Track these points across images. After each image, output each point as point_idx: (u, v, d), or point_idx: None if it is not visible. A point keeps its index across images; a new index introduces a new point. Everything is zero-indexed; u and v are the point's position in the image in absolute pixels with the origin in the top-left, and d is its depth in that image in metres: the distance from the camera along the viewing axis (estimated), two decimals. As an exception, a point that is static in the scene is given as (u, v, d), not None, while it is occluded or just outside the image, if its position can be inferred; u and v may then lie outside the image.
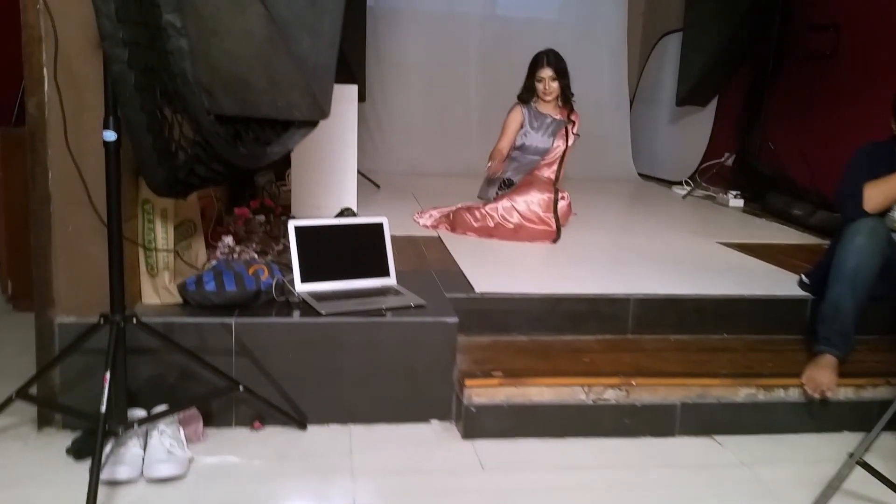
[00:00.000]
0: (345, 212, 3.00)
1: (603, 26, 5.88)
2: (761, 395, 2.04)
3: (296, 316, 1.98)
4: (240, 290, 1.97)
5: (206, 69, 1.80)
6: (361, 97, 4.74)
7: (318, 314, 1.95)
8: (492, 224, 3.32)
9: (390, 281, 2.25)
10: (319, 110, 1.90)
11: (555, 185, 3.43)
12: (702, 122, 5.26)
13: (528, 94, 3.70)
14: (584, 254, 2.92)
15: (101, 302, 1.69)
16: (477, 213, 3.35)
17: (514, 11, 5.80)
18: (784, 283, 2.57)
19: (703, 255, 3.02)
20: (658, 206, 4.41)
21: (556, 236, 3.16)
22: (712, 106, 5.11)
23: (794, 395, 2.06)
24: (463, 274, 2.49)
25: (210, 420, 1.91)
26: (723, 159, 5.10)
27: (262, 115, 1.87)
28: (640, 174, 5.73)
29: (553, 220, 3.32)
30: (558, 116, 3.68)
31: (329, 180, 3.47)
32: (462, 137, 5.57)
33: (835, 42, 4.04)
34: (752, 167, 4.52)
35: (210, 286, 1.97)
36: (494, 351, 2.16)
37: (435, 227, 3.36)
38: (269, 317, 1.96)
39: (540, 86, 3.57)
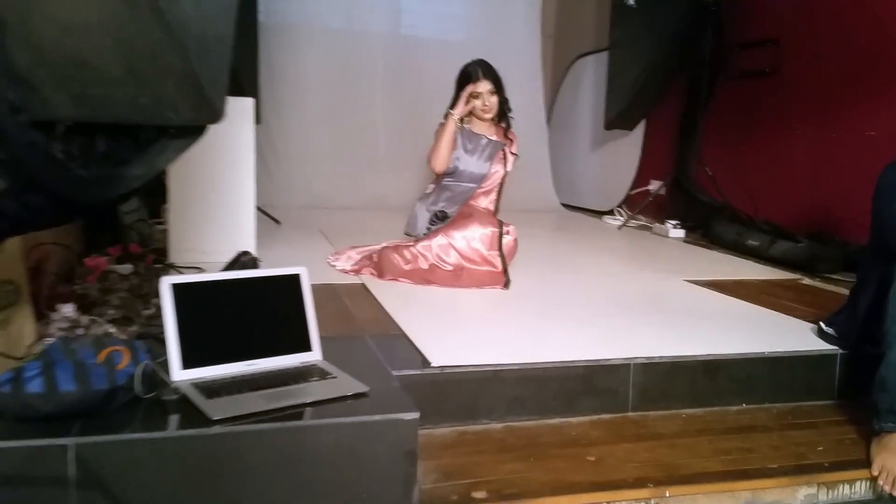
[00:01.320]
0: (242, 258, 2.31)
1: (515, 48, 5.45)
2: (823, 496, 1.53)
3: (172, 426, 1.29)
4: (82, 391, 1.27)
5: (22, 46, 1.13)
6: (255, 120, 4.06)
7: (208, 421, 1.28)
8: (425, 265, 2.72)
9: (314, 356, 1.61)
10: (208, 109, 1.25)
11: (497, 218, 2.88)
12: (628, 148, 4.89)
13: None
14: (548, 302, 2.37)
15: None
16: (407, 253, 2.74)
17: (419, 31, 5.29)
18: (795, 333, 2.10)
19: (680, 297, 2.54)
20: (596, 238, 3.95)
21: (504, 280, 2.60)
22: (639, 130, 4.75)
23: (861, 490, 1.56)
24: (407, 338, 1.88)
25: None
26: (651, 187, 4.76)
27: (114, 120, 1.21)
28: (563, 204, 5.30)
29: (498, 259, 2.76)
30: (494, 136, 3.15)
31: (219, 216, 2.78)
32: (369, 166, 4.97)
33: (775, 58, 3.75)
34: (690, 195, 4.16)
35: (35, 385, 1.26)
36: (466, 452, 1.54)
37: (357, 271, 2.71)
38: (129, 430, 1.26)
39: (477, 102, 3.03)
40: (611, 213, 4.74)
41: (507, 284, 2.56)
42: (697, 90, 4.11)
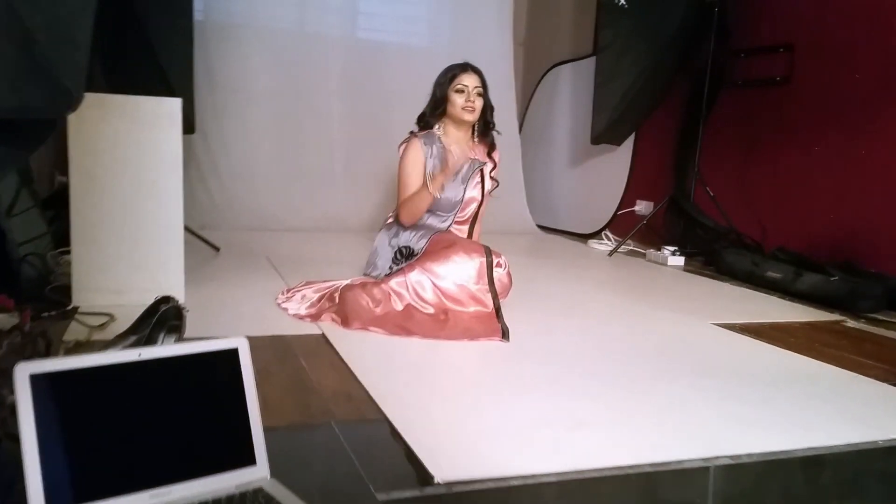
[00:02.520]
0: (161, 307, 1.73)
1: (484, 55, 4.90)
2: None
3: None
4: None
5: None
6: (189, 128, 3.48)
7: None
8: (400, 306, 2.19)
9: (257, 474, 1.06)
10: (58, 95, 0.73)
11: (484, 245, 2.36)
12: (614, 165, 4.45)
13: (434, 118, 2.63)
14: (561, 362, 1.85)
15: None
16: (376, 292, 2.20)
17: (377, 35, 4.76)
18: (888, 402, 1.64)
19: (718, 349, 2.05)
20: (587, 267, 3.47)
21: (501, 329, 2.07)
22: (627, 146, 4.31)
23: None
24: (392, 429, 1.34)
25: None
26: (637, 208, 4.33)
27: None
28: (538, 226, 4.82)
29: (488, 296, 2.25)
30: (472, 154, 2.66)
31: (137, 245, 2.20)
32: (324, 182, 4.40)
33: (788, 65, 3.34)
34: (690, 217, 3.72)
35: None
36: None
37: (315, 317, 2.15)
38: None
39: (459, 98, 2.53)
40: (596, 236, 4.27)
41: (505, 335, 2.03)
42: (697, 100, 3.68)
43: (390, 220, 2.68)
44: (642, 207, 4.33)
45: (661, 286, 3.02)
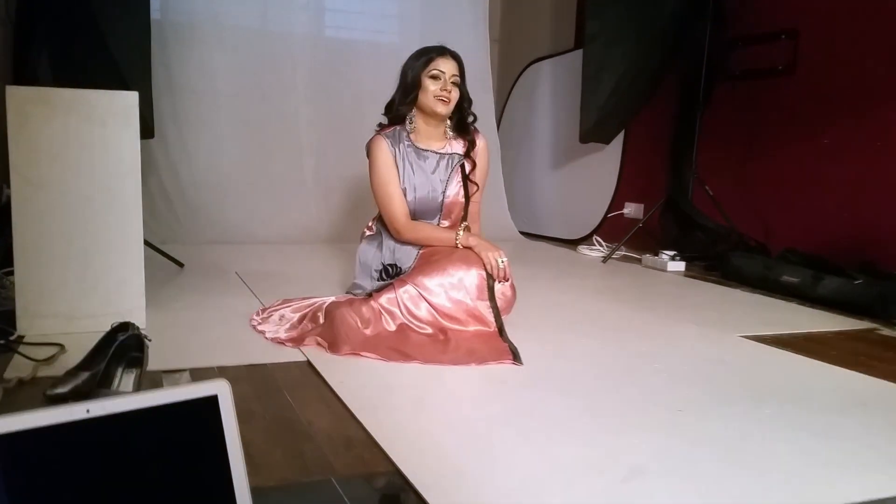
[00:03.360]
0: (119, 336, 1.45)
1: (460, 52, 4.71)
2: None
3: None
4: None
5: None
6: (148, 132, 3.17)
7: None
8: (392, 326, 1.93)
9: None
10: None
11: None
12: (600, 165, 4.24)
13: (404, 108, 2.26)
14: (592, 388, 1.61)
15: None
16: (365, 311, 1.94)
17: (346, 32, 4.50)
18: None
19: (759, 368, 1.82)
20: (583, 275, 3.24)
21: (511, 351, 1.81)
22: (616, 144, 4.10)
23: None
24: (408, 483, 1.08)
25: None
26: (626, 211, 4.13)
27: None
28: (520, 232, 4.59)
29: (490, 312, 2.00)
30: (446, 149, 2.32)
31: (90, 262, 1.92)
32: (293, 190, 4.13)
33: (792, 53, 3.16)
34: (688, 219, 3.52)
35: None
36: None
37: (297, 342, 1.87)
38: None
39: (433, 85, 2.20)
40: (585, 242, 4.05)
41: (516, 357, 1.78)
42: (692, 93, 3.49)
43: (370, 233, 2.34)
44: (631, 210, 4.13)
45: (669, 294, 2.80)
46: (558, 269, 3.40)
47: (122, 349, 1.46)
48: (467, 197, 2.32)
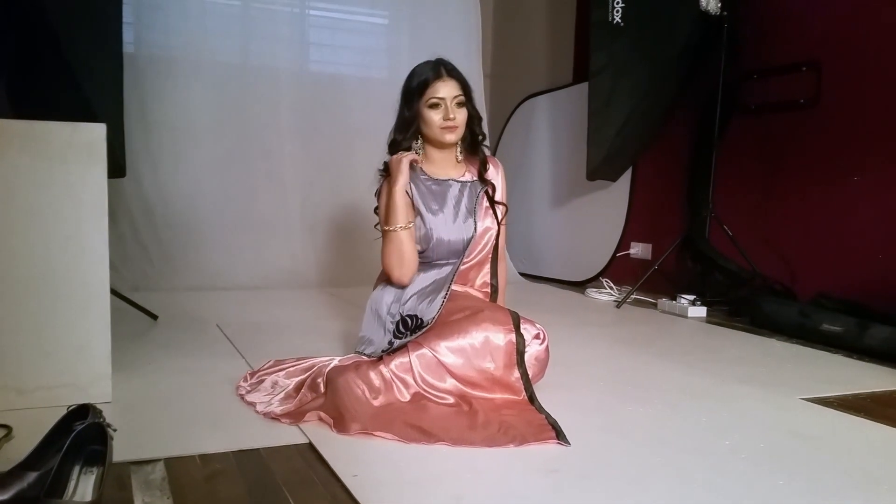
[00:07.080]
0: (76, 426, 1.14)
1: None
2: None
3: None
4: None
5: None
6: (119, 171, 2.88)
7: None
8: (406, 396, 1.64)
9: None
10: None
11: (512, 312, 1.82)
12: (606, 203, 4.00)
13: (408, 142, 2.03)
14: (665, 475, 1.32)
15: None
16: (374, 377, 1.65)
17: (331, 67, 4.26)
18: None
19: (850, 443, 1.55)
20: (600, 323, 2.96)
21: (551, 426, 1.52)
22: (623, 182, 3.87)
23: None
24: None
25: None
26: (633, 251, 3.89)
27: None
28: (520, 273, 4.33)
29: (519, 380, 1.71)
30: (466, 176, 2.10)
31: (46, 322, 1.62)
32: (278, 232, 3.84)
33: (815, 85, 2.96)
34: (708, 260, 3.27)
35: None
36: None
37: (295, 418, 1.56)
38: None
39: (436, 116, 1.97)
40: (591, 284, 3.80)
41: (561, 436, 1.49)
42: (707, 128, 3.27)
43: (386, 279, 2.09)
44: (639, 250, 3.89)
45: (702, 346, 2.53)
46: (571, 314, 3.13)
47: (79, 442, 1.15)
48: (498, 223, 2.08)
